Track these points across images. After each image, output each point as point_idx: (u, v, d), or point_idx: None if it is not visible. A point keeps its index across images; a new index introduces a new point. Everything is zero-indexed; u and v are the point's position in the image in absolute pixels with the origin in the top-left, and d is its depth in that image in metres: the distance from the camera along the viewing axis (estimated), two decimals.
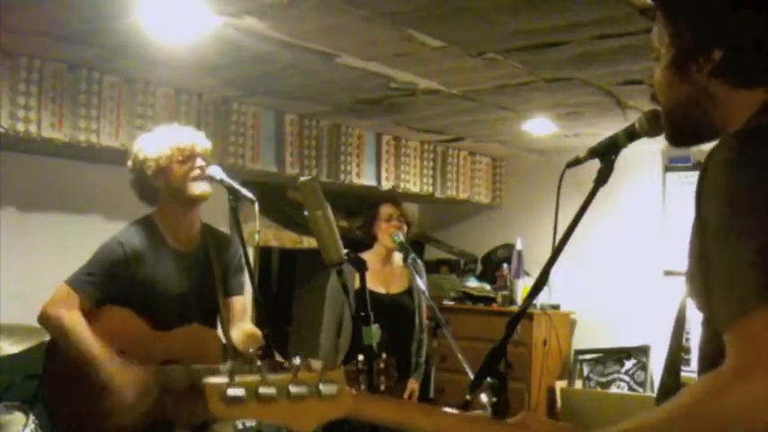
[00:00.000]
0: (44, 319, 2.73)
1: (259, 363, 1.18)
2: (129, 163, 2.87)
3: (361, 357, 2.16)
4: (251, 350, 2.66)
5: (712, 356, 1.13)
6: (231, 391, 1.13)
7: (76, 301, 2.71)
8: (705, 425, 1.06)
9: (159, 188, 2.84)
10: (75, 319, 2.68)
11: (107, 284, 2.75)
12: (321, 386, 1.17)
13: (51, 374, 2.81)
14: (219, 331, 2.95)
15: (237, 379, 1.14)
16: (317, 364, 1.19)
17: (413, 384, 4.04)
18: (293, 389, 1.15)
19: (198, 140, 2.83)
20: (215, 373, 2.62)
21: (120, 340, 2.71)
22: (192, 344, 2.77)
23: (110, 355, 2.66)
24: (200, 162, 2.79)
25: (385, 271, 4.08)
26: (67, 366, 2.73)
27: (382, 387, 2.66)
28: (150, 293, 2.78)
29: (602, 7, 2.72)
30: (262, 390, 1.14)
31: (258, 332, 2.85)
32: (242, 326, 2.93)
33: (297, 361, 1.19)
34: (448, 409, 1.27)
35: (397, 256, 4.12)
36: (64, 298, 2.71)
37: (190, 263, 2.88)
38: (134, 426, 2.69)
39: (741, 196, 1.10)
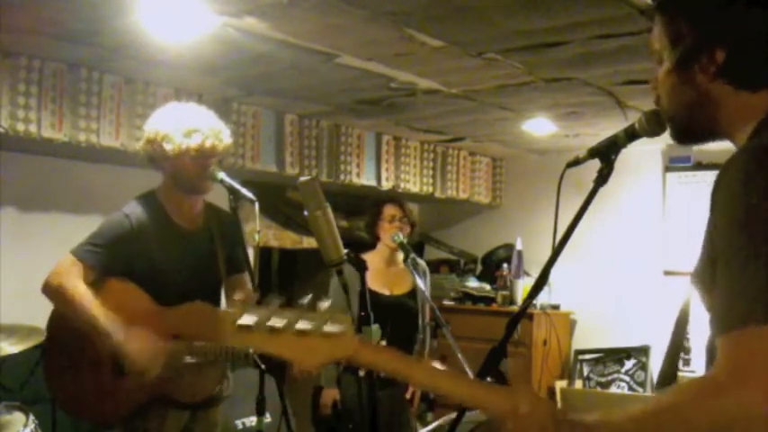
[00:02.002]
0: (48, 288, 2.74)
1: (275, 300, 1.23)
2: (146, 130, 2.84)
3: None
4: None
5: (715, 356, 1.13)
6: (243, 319, 1.19)
7: (80, 271, 2.72)
8: (687, 426, 1.07)
9: (164, 169, 2.84)
10: (79, 288, 2.70)
11: (111, 256, 2.76)
12: (327, 325, 1.21)
13: (53, 353, 2.83)
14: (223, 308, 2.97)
15: (250, 308, 1.21)
16: (325, 304, 1.23)
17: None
18: (300, 324, 1.20)
19: (217, 141, 2.80)
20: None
21: (123, 314, 2.72)
22: (195, 321, 2.78)
23: (115, 321, 2.68)
24: (212, 162, 2.79)
25: (388, 272, 4.07)
26: (70, 338, 2.75)
27: (383, 374, 2.67)
28: (153, 268, 2.80)
29: (602, 7, 2.72)
30: (271, 321, 1.20)
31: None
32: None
33: (306, 300, 1.23)
34: (444, 368, 1.29)
35: (401, 257, 4.11)
36: (68, 267, 2.73)
37: (193, 240, 2.90)
38: (131, 403, 2.71)
39: (752, 210, 1.10)
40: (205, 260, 2.90)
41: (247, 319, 1.19)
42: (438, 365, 1.31)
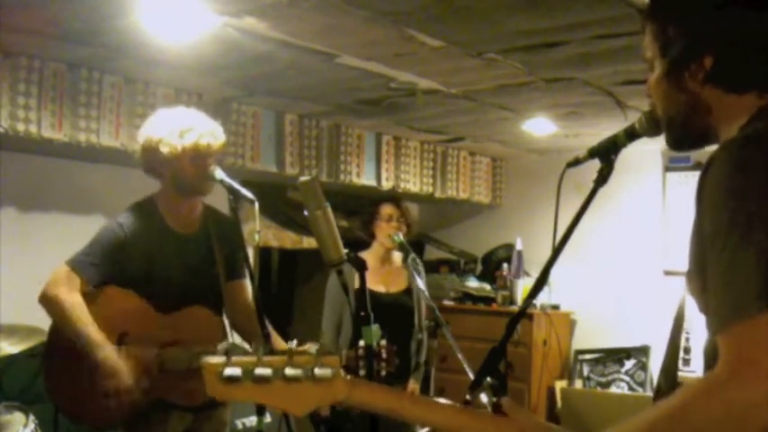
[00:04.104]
0: (44, 299, 2.75)
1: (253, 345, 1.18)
2: (142, 137, 2.84)
3: (362, 343, 2.15)
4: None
5: (715, 357, 1.13)
6: (228, 371, 1.14)
7: (77, 283, 2.73)
8: (696, 427, 1.07)
9: (163, 174, 2.84)
10: (74, 301, 2.70)
11: (107, 266, 2.77)
12: (316, 370, 1.17)
13: (54, 358, 2.82)
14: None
15: (234, 359, 1.15)
16: (313, 348, 1.19)
17: (413, 385, 4.03)
18: (289, 371, 1.16)
19: (213, 141, 2.80)
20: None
21: (121, 321, 2.73)
22: (194, 326, 2.79)
23: (105, 339, 2.68)
24: (210, 161, 2.79)
25: (384, 270, 4.08)
26: (70, 350, 2.74)
27: (383, 373, 2.67)
28: (150, 275, 2.80)
29: (602, 7, 2.72)
30: (258, 371, 1.15)
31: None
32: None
33: (293, 344, 1.20)
34: (440, 400, 1.28)
35: (396, 256, 4.12)
36: (64, 279, 2.73)
37: (191, 245, 2.89)
38: (133, 407, 2.71)
39: (740, 202, 1.10)
40: (203, 264, 2.89)
41: (233, 371, 1.14)
42: (435, 399, 1.28)
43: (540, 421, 1.28)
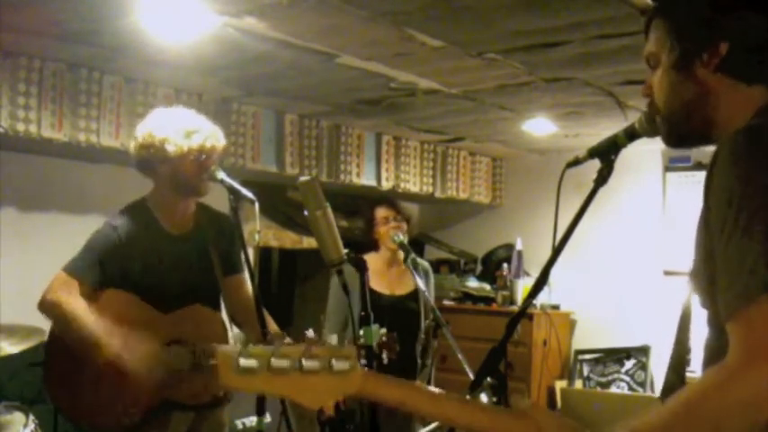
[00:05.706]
0: (44, 306, 2.73)
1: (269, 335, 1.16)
2: (140, 135, 2.81)
3: (361, 332, 2.16)
4: None
5: (718, 355, 1.12)
6: (243, 362, 1.11)
7: (75, 286, 2.72)
8: (713, 415, 1.06)
9: (161, 174, 2.83)
10: (75, 304, 2.69)
11: (103, 269, 2.76)
12: (334, 362, 1.15)
13: (54, 360, 2.82)
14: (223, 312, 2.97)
15: (251, 349, 1.12)
16: (332, 338, 1.17)
17: None
18: (306, 363, 1.13)
19: (217, 143, 2.80)
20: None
21: (122, 323, 2.71)
22: (195, 325, 2.79)
23: (112, 333, 2.66)
24: (212, 163, 2.78)
25: (390, 273, 4.06)
26: (71, 351, 2.73)
27: (385, 360, 2.66)
28: (147, 276, 2.79)
29: (602, 7, 2.72)
30: (274, 362, 1.12)
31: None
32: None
33: (310, 334, 1.18)
34: (452, 394, 1.26)
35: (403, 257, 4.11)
36: (63, 284, 2.72)
37: (185, 244, 2.89)
38: (144, 411, 2.70)
39: (748, 190, 1.10)
40: (199, 263, 2.89)
41: (248, 362, 1.11)
42: (446, 393, 1.26)
43: (563, 419, 1.27)
